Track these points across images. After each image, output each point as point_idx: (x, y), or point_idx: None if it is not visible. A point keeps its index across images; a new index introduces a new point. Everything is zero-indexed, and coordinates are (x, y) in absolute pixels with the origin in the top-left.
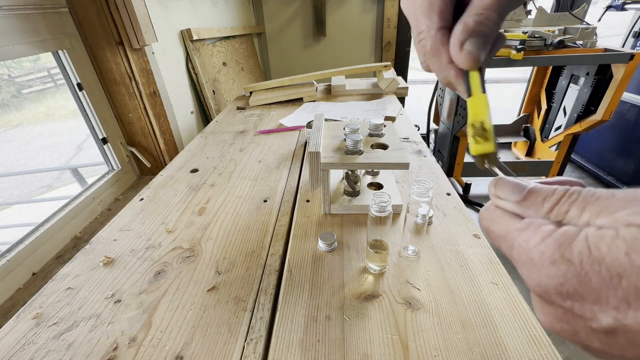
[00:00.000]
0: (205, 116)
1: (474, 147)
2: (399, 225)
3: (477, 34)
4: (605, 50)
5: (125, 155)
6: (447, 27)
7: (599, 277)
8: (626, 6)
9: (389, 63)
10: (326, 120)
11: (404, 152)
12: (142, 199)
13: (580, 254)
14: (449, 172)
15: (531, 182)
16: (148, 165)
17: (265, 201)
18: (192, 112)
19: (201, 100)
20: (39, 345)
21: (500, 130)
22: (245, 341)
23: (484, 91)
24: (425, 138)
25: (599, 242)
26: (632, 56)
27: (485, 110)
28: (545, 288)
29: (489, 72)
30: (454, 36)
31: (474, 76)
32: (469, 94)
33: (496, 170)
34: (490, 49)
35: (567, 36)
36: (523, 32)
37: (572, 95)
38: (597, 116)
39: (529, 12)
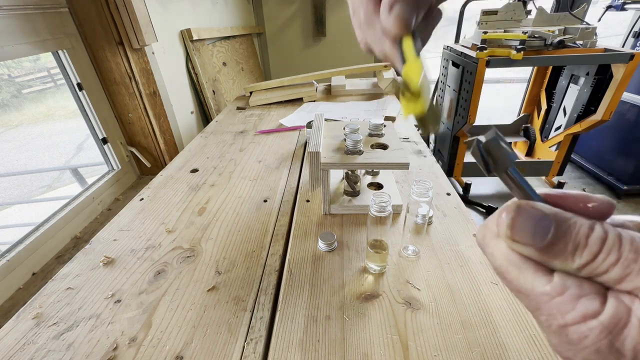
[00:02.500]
0: (205, 116)
1: (405, 107)
2: (399, 225)
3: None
4: (605, 50)
5: (125, 155)
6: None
7: None
8: (626, 6)
9: (389, 63)
10: (326, 120)
11: (404, 152)
12: (142, 199)
13: (636, 350)
14: (449, 172)
15: (556, 201)
16: (148, 165)
17: (265, 201)
18: (192, 112)
19: (201, 100)
20: (39, 345)
21: (500, 130)
22: (245, 341)
23: (417, 55)
24: (425, 138)
25: None
26: (632, 56)
27: (418, 72)
28: None
29: (489, 72)
30: (384, 1)
31: (407, 42)
32: (403, 61)
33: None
34: (425, 19)
35: (567, 36)
36: (523, 32)
37: (572, 95)
38: (597, 116)
39: (529, 12)
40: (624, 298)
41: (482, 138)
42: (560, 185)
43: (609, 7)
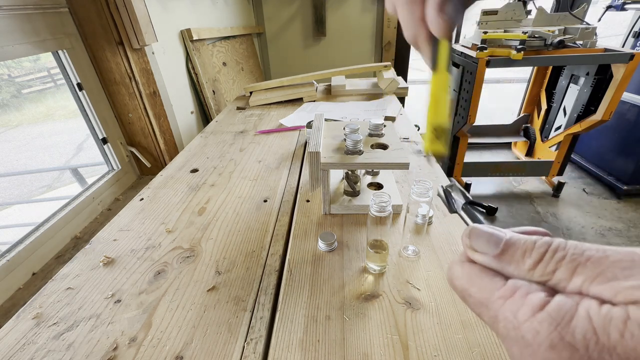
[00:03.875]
0: (205, 116)
1: (429, 145)
2: (399, 225)
3: None
4: (605, 50)
5: (125, 155)
6: None
7: None
8: (626, 6)
9: (389, 63)
10: (326, 120)
11: (404, 152)
12: (142, 199)
13: (585, 338)
14: (449, 172)
15: (507, 231)
16: (148, 165)
17: (265, 201)
18: (192, 112)
19: (201, 100)
20: (39, 345)
21: (500, 130)
22: (245, 341)
23: (448, 69)
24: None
25: (606, 325)
26: (632, 56)
27: (445, 92)
28: None
29: (489, 72)
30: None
31: (444, 47)
32: (434, 68)
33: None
34: None
35: (567, 36)
36: (523, 32)
37: (572, 95)
38: (597, 116)
39: (529, 12)
40: (571, 295)
41: (443, 185)
42: (560, 185)
43: (609, 7)
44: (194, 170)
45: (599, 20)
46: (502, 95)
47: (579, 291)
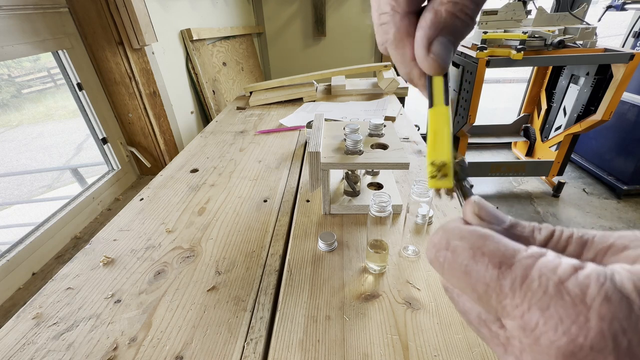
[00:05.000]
0: (205, 116)
1: (431, 182)
2: (399, 225)
3: (448, 31)
4: (605, 50)
5: (125, 155)
6: (415, 12)
7: None
8: (626, 6)
9: (389, 63)
10: (326, 120)
11: (404, 152)
12: (142, 199)
13: (636, 287)
14: None
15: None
16: (148, 165)
17: (265, 201)
18: (192, 112)
19: (201, 100)
20: (39, 345)
21: (500, 130)
22: (245, 341)
23: (447, 102)
24: (426, 138)
25: None
26: (632, 56)
27: (445, 126)
28: (594, 339)
29: (489, 72)
30: (420, 30)
31: (438, 83)
32: (431, 104)
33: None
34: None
35: (567, 36)
36: (523, 32)
37: (572, 95)
38: (597, 116)
39: (529, 12)
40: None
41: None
42: (560, 185)
43: (609, 7)
44: (194, 170)
45: (599, 20)
46: (502, 95)
47: (594, 263)
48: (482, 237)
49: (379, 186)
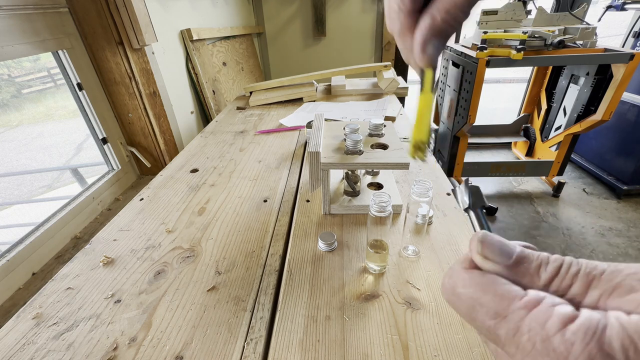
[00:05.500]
0: (205, 116)
1: (411, 151)
2: (399, 225)
3: (441, 34)
4: (605, 50)
5: (125, 155)
6: (417, 10)
7: None
8: (626, 6)
9: (389, 63)
10: (326, 120)
11: (404, 152)
12: (142, 199)
13: (624, 347)
14: (449, 172)
15: (515, 243)
16: (148, 165)
17: (265, 201)
18: (192, 112)
19: (201, 100)
20: (39, 345)
21: (500, 130)
22: (245, 341)
23: (433, 90)
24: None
25: None
26: (632, 56)
27: (428, 110)
28: None
29: (489, 72)
30: (418, 32)
31: (428, 74)
32: (421, 89)
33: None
34: None
35: (567, 36)
36: (523, 32)
37: (572, 95)
38: (597, 116)
39: (529, 12)
40: (584, 303)
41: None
42: (560, 185)
43: (609, 7)
44: (194, 170)
45: (599, 20)
46: (502, 95)
47: (596, 306)
48: (482, 287)
49: (379, 186)
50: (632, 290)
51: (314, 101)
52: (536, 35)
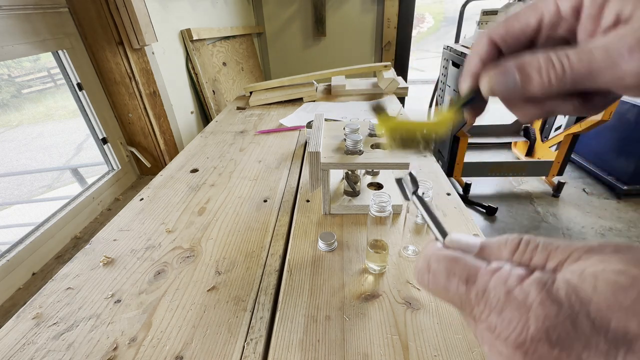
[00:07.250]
0: (205, 116)
1: (389, 144)
2: (399, 225)
3: (496, 91)
4: None
5: (125, 155)
6: (489, 61)
7: (588, 319)
8: None
9: (389, 63)
10: (326, 120)
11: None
12: (142, 199)
13: (567, 294)
14: (449, 172)
15: (479, 238)
16: (148, 165)
17: (265, 201)
18: (192, 112)
19: (201, 100)
20: (39, 345)
21: (500, 130)
22: (245, 341)
23: (458, 112)
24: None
25: (582, 284)
26: None
27: (444, 126)
28: (533, 334)
29: None
30: (507, 62)
31: (465, 98)
32: (449, 108)
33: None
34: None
35: None
36: None
37: None
38: (597, 116)
39: None
40: (544, 271)
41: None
42: (560, 185)
43: None
44: (194, 170)
45: None
46: None
47: (555, 271)
48: (454, 260)
49: (379, 186)
50: (579, 259)
51: (314, 101)
52: None
